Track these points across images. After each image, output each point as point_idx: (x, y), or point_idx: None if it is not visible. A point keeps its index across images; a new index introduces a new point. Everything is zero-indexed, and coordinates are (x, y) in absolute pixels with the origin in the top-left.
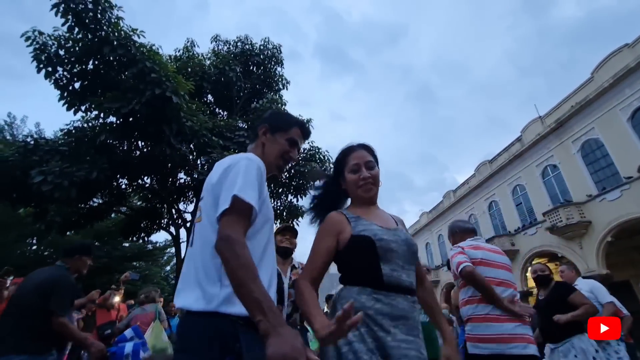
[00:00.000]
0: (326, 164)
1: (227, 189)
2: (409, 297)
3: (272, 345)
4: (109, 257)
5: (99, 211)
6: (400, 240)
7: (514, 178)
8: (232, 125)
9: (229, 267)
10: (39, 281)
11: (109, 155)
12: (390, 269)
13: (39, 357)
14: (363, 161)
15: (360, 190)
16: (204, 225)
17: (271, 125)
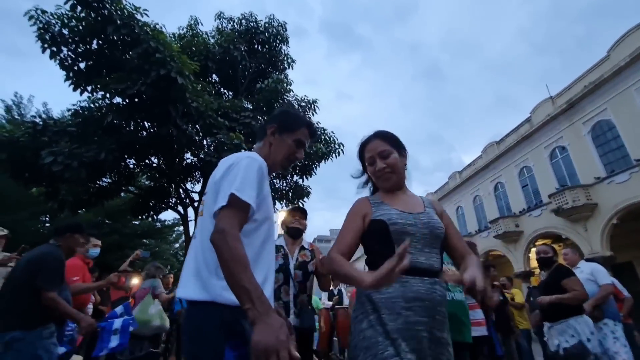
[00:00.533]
0: (332, 144)
1: (226, 187)
2: (426, 280)
3: (257, 334)
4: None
5: (109, 191)
6: (420, 224)
7: (521, 159)
8: (238, 106)
9: (221, 258)
10: (27, 259)
11: (116, 136)
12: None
13: (32, 332)
14: (376, 152)
15: (380, 181)
16: (205, 219)
17: (280, 125)
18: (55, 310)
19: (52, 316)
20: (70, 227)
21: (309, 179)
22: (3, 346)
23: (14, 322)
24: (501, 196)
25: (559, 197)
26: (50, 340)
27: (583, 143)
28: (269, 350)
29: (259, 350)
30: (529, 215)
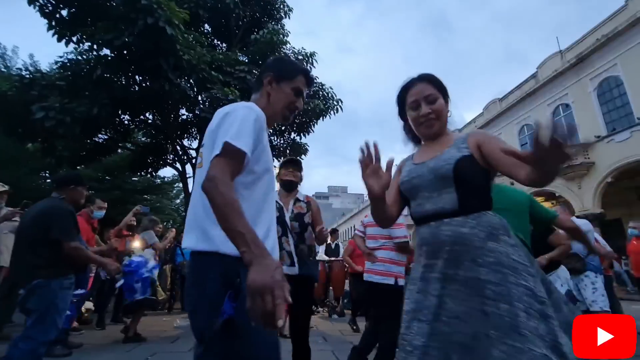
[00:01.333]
0: (330, 101)
1: (221, 135)
2: (432, 224)
3: (252, 273)
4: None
5: (105, 147)
6: (425, 172)
7: (522, 117)
8: (232, 59)
9: (214, 204)
10: (34, 214)
11: (107, 91)
12: (416, 204)
13: (55, 280)
14: (422, 96)
15: (422, 128)
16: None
17: (276, 74)
18: (78, 258)
19: (74, 265)
20: (72, 179)
21: (306, 136)
22: (27, 291)
23: (37, 273)
24: None
25: None
26: (69, 290)
27: (588, 100)
28: (264, 288)
29: (255, 289)
30: None
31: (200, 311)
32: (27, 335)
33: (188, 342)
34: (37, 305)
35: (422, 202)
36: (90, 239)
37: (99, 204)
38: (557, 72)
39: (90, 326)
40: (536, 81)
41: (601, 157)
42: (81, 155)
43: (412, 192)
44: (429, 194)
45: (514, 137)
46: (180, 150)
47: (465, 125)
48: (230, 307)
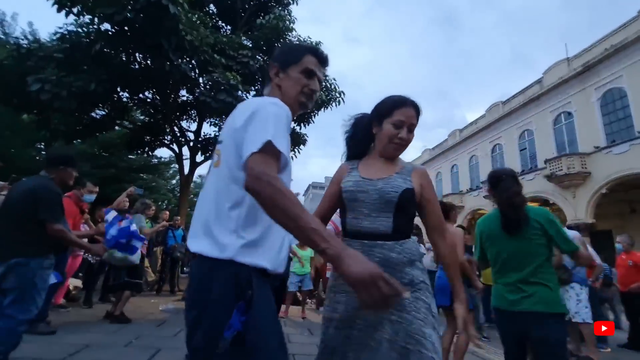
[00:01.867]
0: (332, 92)
1: (256, 133)
2: (365, 242)
3: (352, 265)
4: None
5: (103, 123)
6: (372, 190)
7: (524, 122)
8: (236, 43)
9: (272, 204)
10: (22, 191)
11: (106, 66)
12: (353, 216)
13: (35, 259)
14: (409, 122)
15: (391, 147)
16: (221, 171)
17: (281, 62)
18: (62, 240)
19: (56, 246)
20: (63, 159)
21: (306, 127)
22: (5, 268)
23: (17, 250)
24: (497, 158)
25: (554, 163)
26: (48, 270)
27: (590, 110)
28: (372, 275)
29: (363, 279)
30: (522, 178)
31: (204, 322)
32: (5, 314)
33: (174, 327)
34: (15, 284)
35: (359, 217)
36: (77, 222)
37: (90, 187)
38: (562, 80)
39: (77, 304)
40: (540, 87)
41: (598, 167)
42: (77, 130)
43: (353, 205)
44: (368, 211)
45: (514, 142)
46: (178, 131)
47: (466, 126)
48: (238, 322)
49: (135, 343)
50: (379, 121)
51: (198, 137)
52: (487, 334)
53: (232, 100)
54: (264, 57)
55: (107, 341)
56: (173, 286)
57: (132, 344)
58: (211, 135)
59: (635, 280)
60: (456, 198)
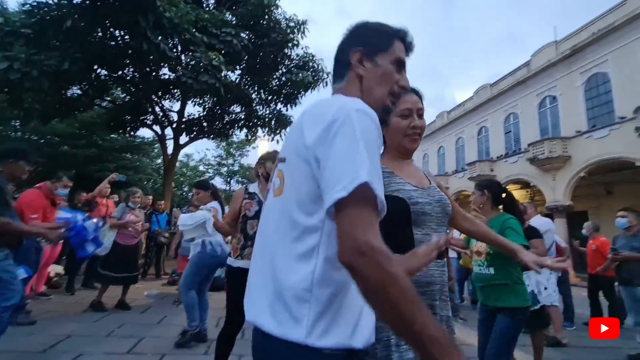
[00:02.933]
0: (320, 73)
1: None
2: (439, 262)
3: None
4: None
5: (80, 102)
6: (434, 202)
7: (510, 105)
8: (219, 20)
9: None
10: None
11: (80, 44)
12: (423, 234)
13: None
14: (416, 107)
15: (407, 140)
16: (286, 202)
17: (367, 46)
18: (9, 233)
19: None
20: (12, 152)
21: (293, 108)
22: None
23: None
24: (483, 140)
25: (537, 146)
26: (6, 261)
27: (574, 94)
28: None
29: None
30: (505, 161)
31: None
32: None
33: (158, 314)
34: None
35: (429, 233)
36: (48, 214)
37: (65, 182)
38: (550, 63)
39: (59, 290)
40: (528, 70)
41: (578, 151)
42: (54, 108)
43: (421, 219)
44: (435, 226)
45: (499, 124)
46: (160, 111)
47: (454, 108)
48: None
49: (118, 332)
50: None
51: (181, 117)
52: (463, 315)
53: (215, 82)
54: (249, 35)
55: (89, 331)
56: (158, 270)
57: (114, 333)
58: (195, 116)
59: (600, 263)
60: (442, 179)
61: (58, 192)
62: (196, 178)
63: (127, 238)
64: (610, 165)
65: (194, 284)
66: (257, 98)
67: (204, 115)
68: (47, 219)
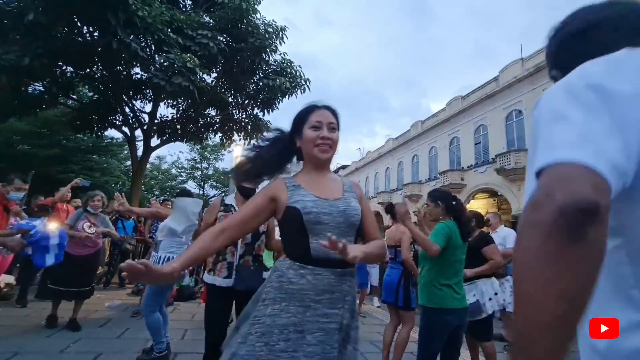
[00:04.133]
0: (298, 80)
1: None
2: (337, 270)
3: None
4: (61, 148)
5: (42, 99)
6: (336, 212)
7: (480, 117)
8: (195, 22)
9: None
10: None
11: (44, 39)
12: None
13: None
14: (327, 121)
15: (317, 150)
16: None
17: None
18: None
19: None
20: None
21: (270, 113)
22: None
23: None
24: (454, 150)
25: (504, 157)
26: None
27: None
28: None
29: None
30: (475, 170)
31: None
32: None
33: (119, 327)
34: None
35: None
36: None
37: (18, 184)
38: (516, 79)
39: (9, 302)
40: (497, 84)
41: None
42: (13, 105)
43: (316, 228)
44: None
45: (469, 135)
46: (130, 112)
47: (428, 118)
48: None
49: (73, 348)
50: (298, 132)
51: (153, 119)
52: None
53: (188, 85)
54: (226, 38)
55: (41, 347)
56: (122, 279)
57: (68, 349)
58: (168, 118)
59: None
60: (415, 187)
61: (11, 196)
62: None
63: (78, 247)
64: None
65: (157, 304)
66: (233, 102)
67: (178, 117)
68: (1, 225)
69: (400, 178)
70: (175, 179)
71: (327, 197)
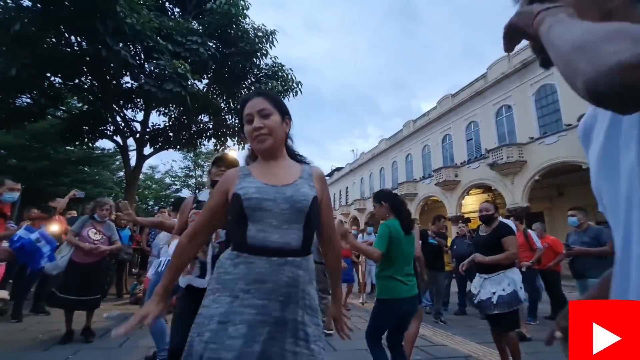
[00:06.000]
0: (290, 83)
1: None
2: (274, 259)
3: None
4: (51, 160)
5: (30, 111)
6: (280, 198)
7: (470, 114)
8: (184, 28)
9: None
10: None
11: (31, 49)
12: (257, 229)
13: None
14: (255, 110)
15: (255, 142)
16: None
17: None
18: None
19: None
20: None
21: None
22: None
23: None
24: (447, 147)
25: (496, 152)
26: None
27: (527, 104)
28: None
29: None
30: (468, 167)
31: None
32: None
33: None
34: None
35: (266, 229)
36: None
37: (10, 185)
38: (504, 75)
39: (4, 318)
40: (485, 81)
41: (532, 157)
42: (1, 119)
43: (257, 215)
44: (278, 223)
45: (461, 132)
46: (122, 121)
47: (419, 117)
48: None
49: (73, 359)
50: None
51: (145, 127)
52: (444, 319)
53: (180, 90)
54: (216, 44)
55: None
56: (120, 289)
57: None
58: (160, 126)
59: (550, 259)
60: (410, 186)
61: (5, 198)
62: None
63: (84, 255)
64: (561, 169)
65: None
66: (225, 107)
67: (170, 125)
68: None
69: (394, 177)
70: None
71: (276, 183)
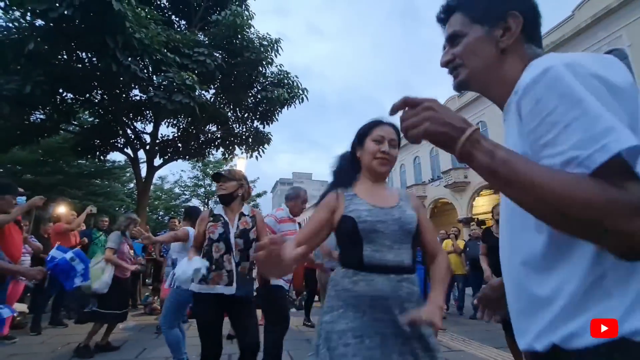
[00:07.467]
0: (295, 90)
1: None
2: (392, 277)
3: None
4: (63, 175)
5: (44, 127)
6: (390, 220)
7: (479, 114)
8: (191, 40)
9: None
10: None
11: (44, 66)
12: (373, 249)
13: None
14: (389, 137)
15: (376, 162)
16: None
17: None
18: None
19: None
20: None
21: (270, 125)
22: None
23: None
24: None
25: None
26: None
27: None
28: None
29: None
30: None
31: None
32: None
33: (136, 347)
34: None
35: (382, 249)
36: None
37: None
38: None
39: (23, 331)
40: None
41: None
42: (16, 135)
43: (371, 236)
44: (390, 243)
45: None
46: (132, 134)
47: None
48: None
49: None
50: (360, 143)
51: (155, 139)
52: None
53: (189, 101)
54: (222, 54)
55: None
56: (135, 300)
57: None
58: (169, 137)
59: None
60: (419, 188)
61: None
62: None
63: (125, 271)
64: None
65: (176, 320)
66: (233, 116)
67: (179, 135)
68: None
69: (403, 180)
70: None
71: (382, 205)
